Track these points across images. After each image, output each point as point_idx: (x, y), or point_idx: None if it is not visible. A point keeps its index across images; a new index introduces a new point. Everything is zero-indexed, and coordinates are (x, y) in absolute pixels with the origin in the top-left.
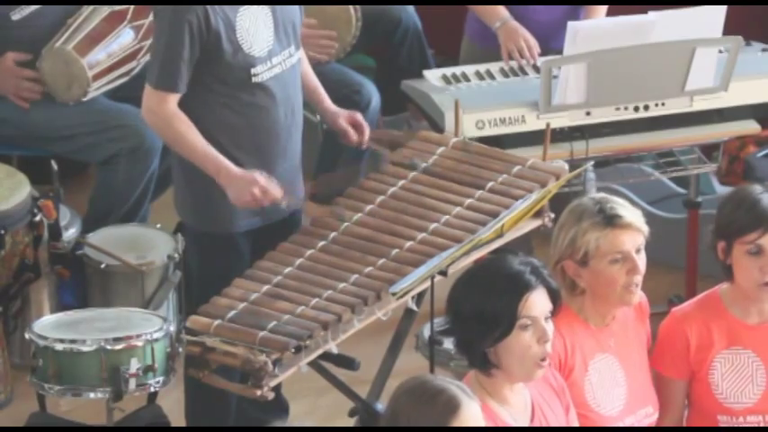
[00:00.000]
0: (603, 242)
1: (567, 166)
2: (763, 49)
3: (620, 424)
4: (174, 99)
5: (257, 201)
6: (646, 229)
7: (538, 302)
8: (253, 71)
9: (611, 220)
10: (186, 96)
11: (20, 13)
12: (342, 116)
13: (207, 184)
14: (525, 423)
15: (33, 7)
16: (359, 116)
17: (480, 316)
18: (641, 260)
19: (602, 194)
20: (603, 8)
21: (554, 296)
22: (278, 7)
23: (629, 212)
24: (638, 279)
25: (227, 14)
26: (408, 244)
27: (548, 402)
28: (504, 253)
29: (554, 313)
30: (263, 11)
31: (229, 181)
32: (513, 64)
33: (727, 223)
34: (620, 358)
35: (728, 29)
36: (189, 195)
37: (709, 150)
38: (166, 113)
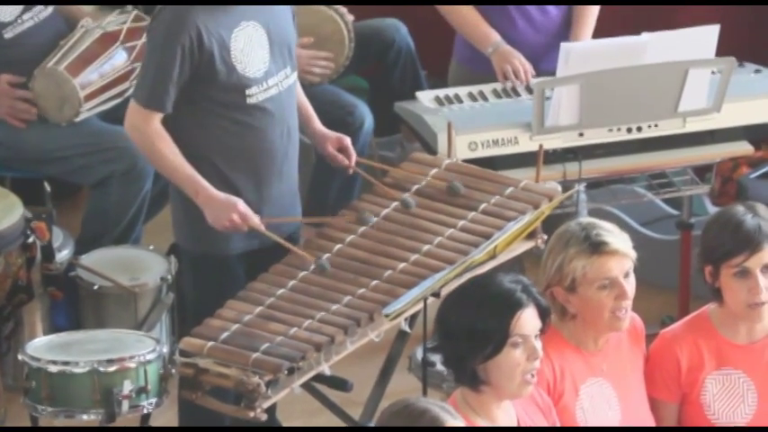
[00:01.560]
0: (590, 269)
1: (559, 188)
2: (756, 71)
3: None
4: (158, 118)
5: (236, 227)
6: (633, 253)
7: (529, 320)
8: (248, 92)
9: (597, 247)
10: (181, 117)
11: (12, 31)
12: (330, 140)
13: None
14: None
15: (26, 26)
16: (347, 140)
17: (471, 333)
18: (629, 285)
19: (588, 219)
20: (589, 30)
21: (543, 314)
22: (273, 27)
23: (616, 238)
24: (627, 304)
25: (222, 35)
26: (401, 266)
27: (533, 420)
28: (493, 270)
29: (543, 331)
30: (259, 31)
31: (208, 203)
32: (507, 85)
33: (713, 248)
34: (614, 382)
35: (721, 50)
36: (185, 217)
37: (701, 171)
38: (150, 132)
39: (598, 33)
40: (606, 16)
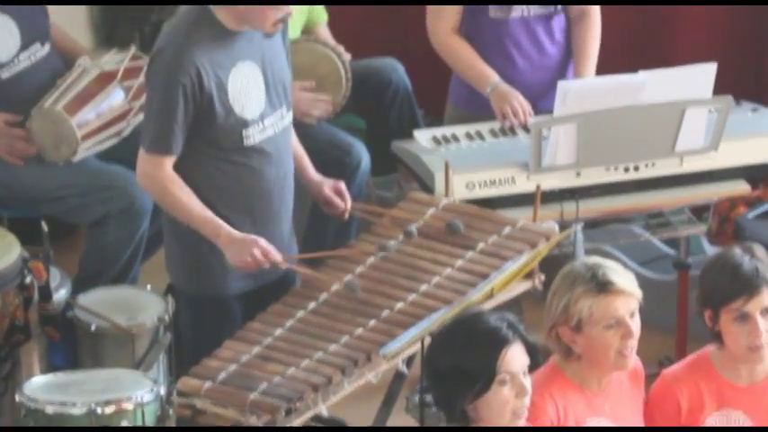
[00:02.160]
0: (597, 309)
1: (557, 228)
2: (754, 109)
3: None
4: (169, 162)
5: (258, 263)
6: (639, 293)
7: (515, 357)
8: (244, 133)
9: (603, 287)
10: (179, 159)
11: (9, 71)
12: (326, 185)
13: (199, 247)
14: None
15: (23, 66)
16: (343, 185)
17: (458, 372)
18: (635, 324)
19: (594, 259)
20: (592, 66)
21: (531, 350)
22: (269, 68)
23: (622, 278)
24: (633, 343)
25: (219, 76)
26: (399, 306)
27: None
28: (480, 309)
29: (531, 368)
30: (255, 72)
31: (229, 244)
32: (505, 124)
33: (712, 292)
34: (616, 422)
35: (718, 88)
36: (180, 258)
37: (699, 211)
38: (162, 178)
39: (595, 71)
40: (604, 51)
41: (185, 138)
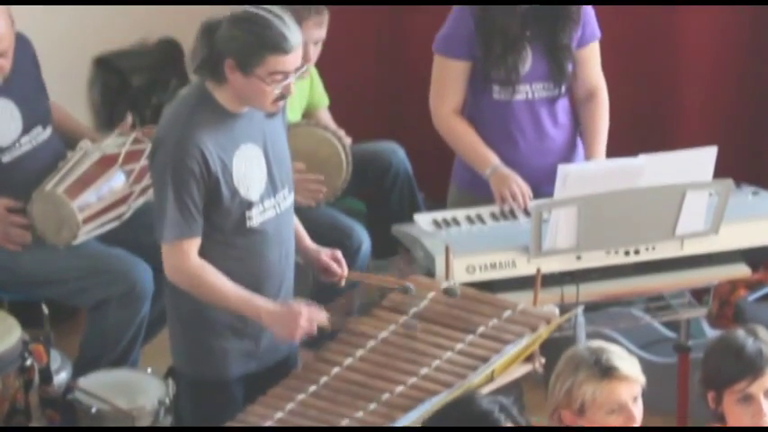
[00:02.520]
0: (600, 394)
1: (557, 311)
2: (754, 193)
3: None
4: (194, 247)
5: (309, 331)
6: (642, 378)
7: None
8: (248, 214)
9: (607, 372)
10: None
11: (10, 155)
12: (324, 252)
13: (200, 330)
14: None
15: (24, 149)
16: (339, 254)
17: None
18: (638, 409)
19: (598, 343)
20: (603, 146)
21: None
22: (271, 150)
23: (626, 363)
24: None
25: (223, 158)
26: (399, 389)
27: None
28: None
29: None
30: (257, 154)
31: (274, 320)
32: (505, 208)
33: (715, 373)
34: None
35: (719, 172)
36: (182, 341)
37: (699, 294)
38: (195, 267)
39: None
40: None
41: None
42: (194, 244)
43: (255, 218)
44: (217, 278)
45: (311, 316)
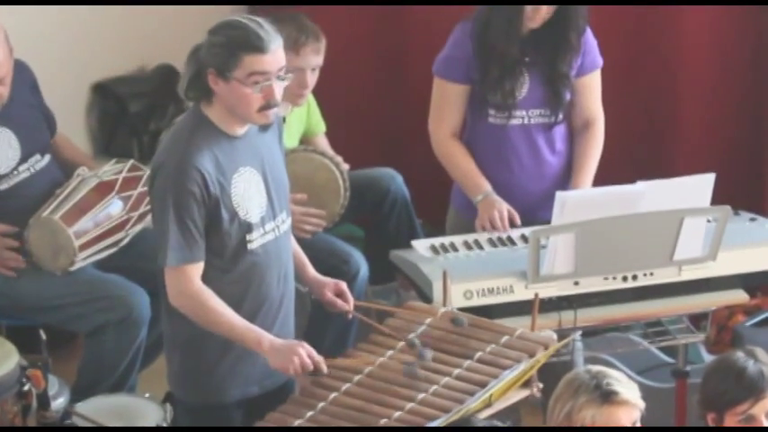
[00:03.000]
0: (600, 418)
1: (555, 336)
2: (752, 219)
3: None
4: (197, 272)
5: (305, 366)
6: (642, 403)
7: None
8: (248, 237)
9: (607, 397)
10: None
11: (7, 182)
12: (327, 286)
13: (199, 356)
14: None
15: (22, 177)
16: (344, 285)
17: None
18: None
19: (598, 368)
20: (589, 178)
21: None
22: (269, 173)
23: (626, 388)
24: None
25: (222, 181)
26: (396, 414)
27: None
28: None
29: None
30: (256, 177)
31: (273, 350)
32: (491, 234)
33: (717, 395)
34: None
35: (716, 198)
36: (179, 366)
37: (697, 320)
38: (197, 293)
39: (593, 182)
40: (601, 162)
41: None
42: (198, 268)
43: (256, 240)
44: (219, 303)
45: (311, 354)
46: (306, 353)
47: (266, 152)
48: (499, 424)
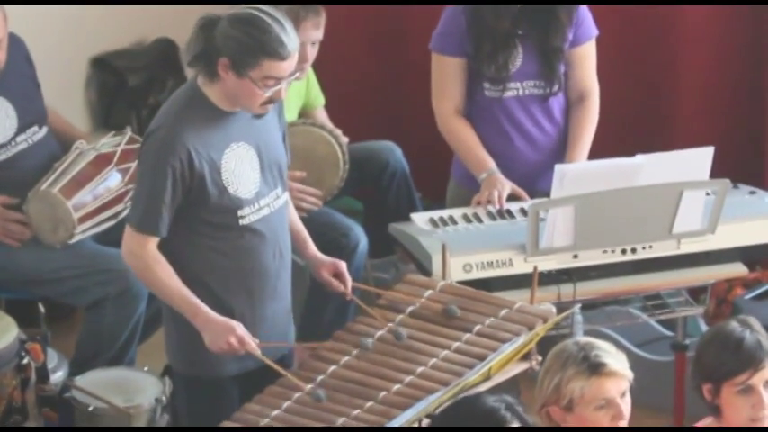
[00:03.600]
0: (588, 390)
1: (554, 309)
2: (751, 192)
3: None
4: (154, 242)
5: (233, 350)
6: (630, 374)
7: None
8: (240, 213)
9: (595, 368)
10: (174, 240)
11: (5, 153)
12: (325, 266)
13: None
14: None
15: (19, 148)
16: (342, 266)
17: None
18: (626, 404)
19: (586, 339)
20: (584, 151)
21: None
22: (263, 149)
23: (614, 359)
24: (623, 423)
25: (212, 156)
26: (396, 387)
27: None
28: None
29: None
30: (249, 153)
31: (206, 326)
32: (480, 209)
33: (714, 367)
34: None
35: (715, 171)
36: (177, 339)
37: (696, 293)
38: (147, 257)
39: (588, 154)
40: (601, 133)
41: (180, 218)
42: (154, 241)
43: (249, 216)
44: (166, 273)
45: (243, 339)
46: (237, 339)
47: (263, 128)
48: (510, 399)
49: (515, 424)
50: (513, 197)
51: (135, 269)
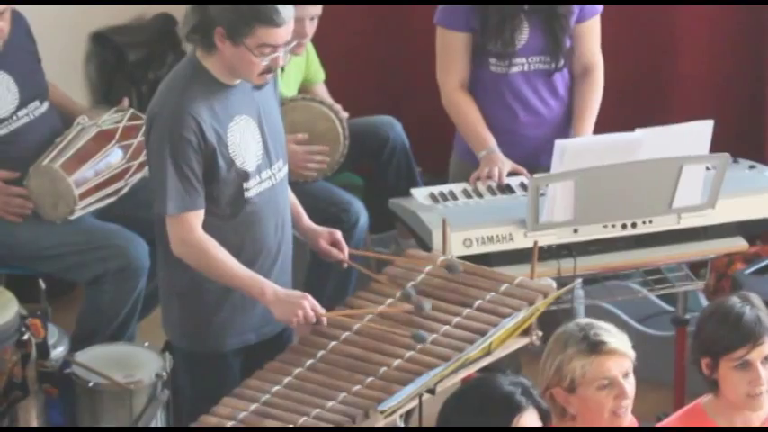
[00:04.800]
0: (589, 369)
1: (554, 284)
2: (751, 167)
3: None
4: (198, 220)
5: (308, 319)
6: (632, 353)
7: (528, 424)
8: (245, 185)
9: (596, 347)
10: None
11: (7, 128)
12: (322, 236)
13: (196, 304)
14: None
15: (21, 122)
16: (338, 234)
17: None
18: (629, 384)
19: (586, 320)
20: (590, 125)
21: (544, 416)
22: (265, 121)
23: (614, 338)
24: (627, 403)
25: (218, 130)
26: (396, 362)
27: None
28: (494, 372)
29: None
30: (251, 126)
31: (277, 300)
32: (480, 185)
33: (712, 341)
34: None
35: (716, 146)
36: (178, 315)
37: (696, 267)
38: (200, 241)
39: (593, 129)
40: (600, 110)
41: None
42: (198, 216)
43: (253, 189)
44: (222, 252)
45: (315, 306)
46: (309, 305)
47: (262, 100)
48: (527, 382)
49: (531, 409)
50: (512, 174)
51: (192, 259)
